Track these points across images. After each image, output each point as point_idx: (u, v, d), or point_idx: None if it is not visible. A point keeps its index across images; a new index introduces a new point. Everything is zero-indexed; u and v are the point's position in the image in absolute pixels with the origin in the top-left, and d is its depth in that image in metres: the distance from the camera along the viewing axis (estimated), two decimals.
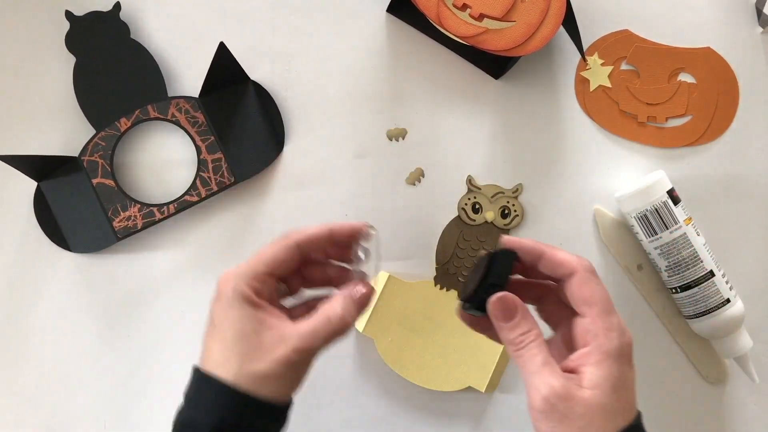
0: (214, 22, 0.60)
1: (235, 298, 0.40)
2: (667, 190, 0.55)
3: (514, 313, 0.41)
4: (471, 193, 0.59)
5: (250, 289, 0.41)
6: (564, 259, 0.41)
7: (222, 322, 0.41)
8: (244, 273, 0.41)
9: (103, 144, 0.58)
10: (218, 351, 0.40)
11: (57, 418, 0.59)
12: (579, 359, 0.39)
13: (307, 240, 0.43)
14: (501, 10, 0.53)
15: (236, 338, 0.40)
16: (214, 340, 0.41)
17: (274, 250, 0.42)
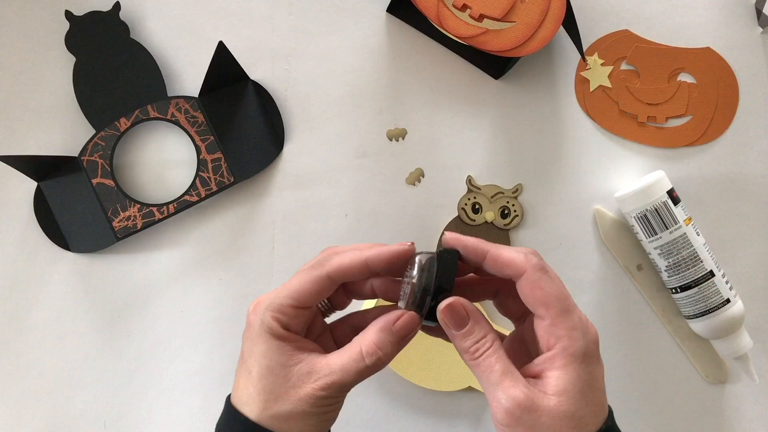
0: (214, 22, 0.60)
1: (261, 331, 0.38)
2: (667, 190, 0.55)
3: (465, 320, 0.38)
4: (471, 193, 0.59)
5: (276, 322, 0.38)
6: (509, 259, 0.37)
7: (249, 356, 0.39)
8: (270, 304, 0.38)
9: (102, 144, 0.57)
10: (244, 386, 0.38)
11: (57, 418, 0.59)
12: (543, 363, 0.37)
13: (339, 273, 0.39)
14: (501, 11, 0.53)
15: (261, 374, 0.38)
16: (241, 373, 0.39)
17: (302, 282, 0.39)
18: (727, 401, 0.59)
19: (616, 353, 0.59)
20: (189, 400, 0.59)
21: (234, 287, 0.59)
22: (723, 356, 0.57)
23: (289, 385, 0.37)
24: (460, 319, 0.38)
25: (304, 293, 0.38)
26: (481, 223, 0.59)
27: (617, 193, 0.57)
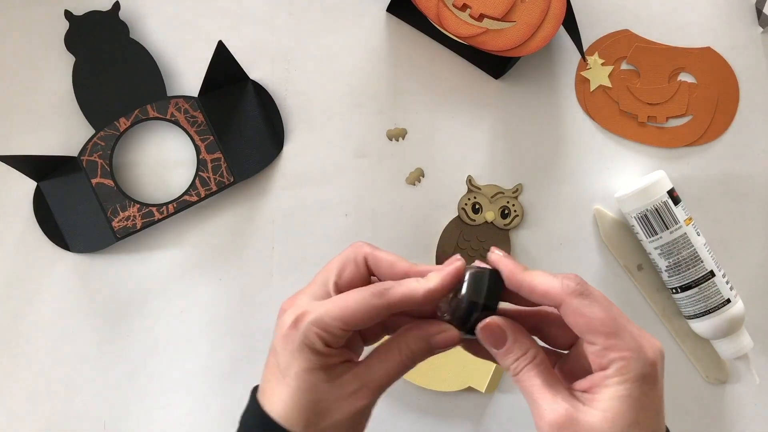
0: (214, 22, 0.60)
1: (303, 346, 0.36)
2: (667, 190, 0.55)
3: (504, 339, 0.37)
4: (471, 193, 0.59)
5: (320, 340, 0.36)
6: (544, 291, 0.37)
7: (288, 369, 0.37)
8: (318, 321, 0.36)
9: (102, 144, 0.57)
10: (282, 398, 0.37)
11: (57, 418, 0.59)
12: (594, 380, 0.36)
13: (401, 305, 0.37)
14: (501, 11, 0.53)
15: (302, 391, 0.36)
16: (278, 382, 0.37)
17: (358, 307, 0.36)
18: (727, 401, 0.59)
19: None
20: (189, 400, 0.59)
21: (234, 287, 0.59)
22: (723, 356, 0.57)
23: (333, 398, 0.37)
24: (498, 338, 0.37)
25: (357, 319, 0.36)
26: (481, 223, 0.59)
27: (617, 193, 0.57)
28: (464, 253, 0.58)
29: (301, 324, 0.36)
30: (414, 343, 0.38)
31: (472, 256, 0.58)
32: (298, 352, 0.36)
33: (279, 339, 0.37)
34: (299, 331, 0.36)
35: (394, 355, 0.38)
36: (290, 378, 0.36)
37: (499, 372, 0.58)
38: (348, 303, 0.36)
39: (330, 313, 0.36)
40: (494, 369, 0.58)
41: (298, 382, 0.36)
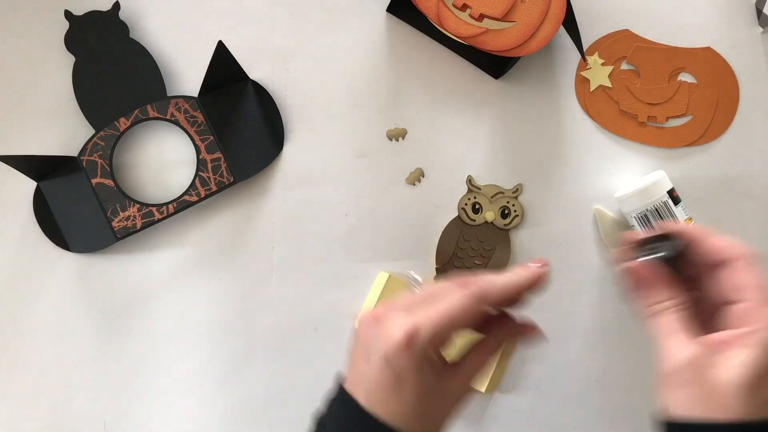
0: (214, 22, 0.60)
1: (424, 361, 0.38)
2: (667, 190, 0.55)
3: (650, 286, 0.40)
4: (471, 193, 0.59)
5: (437, 355, 0.39)
6: (721, 247, 0.39)
7: (405, 378, 0.37)
8: (434, 336, 0.38)
9: (102, 144, 0.57)
10: (397, 403, 0.38)
11: (57, 418, 0.59)
12: (727, 337, 0.37)
13: (496, 302, 0.40)
14: (501, 11, 0.53)
15: (419, 400, 0.38)
16: (392, 391, 0.38)
17: (463, 309, 0.38)
18: None
19: (616, 353, 0.59)
20: (189, 400, 0.59)
21: (234, 287, 0.59)
22: None
23: (444, 403, 0.39)
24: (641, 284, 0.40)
25: (462, 322, 0.39)
26: (481, 223, 0.59)
27: (617, 193, 0.57)
28: (464, 252, 0.58)
29: (418, 339, 0.37)
30: (507, 341, 0.42)
31: (472, 256, 0.58)
32: (416, 364, 0.37)
33: (393, 352, 0.37)
34: (418, 346, 0.37)
35: (485, 353, 0.42)
36: (407, 387, 0.37)
37: (498, 372, 0.58)
38: (452, 310, 0.38)
39: (440, 324, 0.38)
40: (494, 369, 0.58)
41: (416, 391, 0.38)
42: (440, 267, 0.59)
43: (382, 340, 0.38)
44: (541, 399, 0.59)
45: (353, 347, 0.41)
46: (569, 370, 0.59)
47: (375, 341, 0.38)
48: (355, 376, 0.40)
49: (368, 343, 0.39)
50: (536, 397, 0.59)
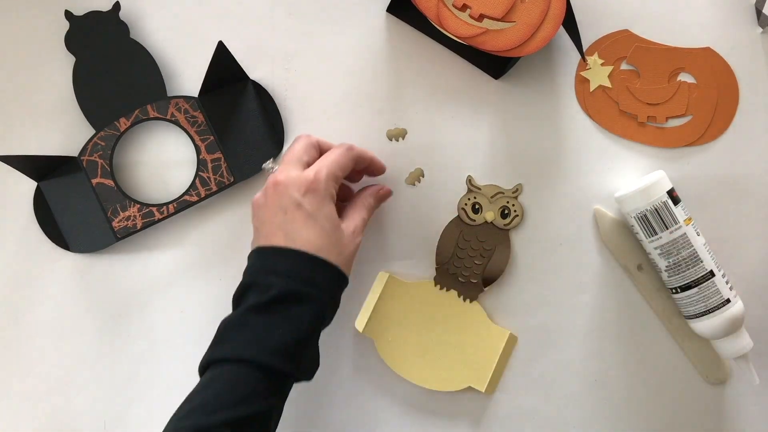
0: (214, 22, 0.60)
1: (326, 195, 0.48)
2: (667, 190, 0.55)
3: None
4: (471, 193, 0.59)
5: (334, 191, 0.50)
6: None
7: (317, 213, 0.48)
8: (331, 175, 0.49)
9: (102, 144, 0.57)
10: (317, 238, 0.47)
11: (57, 418, 0.59)
12: None
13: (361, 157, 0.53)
14: (501, 11, 0.53)
15: (332, 230, 0.48)
16: (309, 227, 0.47)
17: (347, 159, 0.51)
18: (727, 401, 0.59)
19: (616, 353, 0.59)
20: None
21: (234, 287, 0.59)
22: (723, 356, 0.57)
23: (345, 238, 0.49)
24: None
25: (347, 168, 0.51)
26: (481, 223, 0.59)
27: (617, 193, 0.57)
28: (464, 252, 0.58)
29: (321, 178, 0.48)
30: (370, 197, 0.54)
31: (472, 256, 0.58)
32: (323, 200, 0.48)
33: (305, 195, 0.48)
34: (322, 184, 0.48)
35: (363, 206, 0.53)
36: (321, 221, 0.48)
37: (498, 372, 0.58)
38: (339, 159, 0.50)
39: (332, 168, 0.49)
40: (494, 369, 0.58)
41: (329, 224, 0.48)
42: (440, 267, 0.59)
43: (291, 190, 0.48)
44: (541, 399, 0.59)
45: (260, 214, 0.50)
46: (569, 370, 0.59)
47: (285, 194, 0.48)
48: (269, 230, 0.48)
49: (280, 199, 0.48)
50: (536, 397, 0.59)
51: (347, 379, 0.59)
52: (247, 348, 0.45)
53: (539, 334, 0.59)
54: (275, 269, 0.47)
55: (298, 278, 0.46)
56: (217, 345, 0.47)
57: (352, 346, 0.60)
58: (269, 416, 0.45)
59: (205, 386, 0.45)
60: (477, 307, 0.58)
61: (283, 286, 0.46)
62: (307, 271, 0.47)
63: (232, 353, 0.45)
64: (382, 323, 0.58)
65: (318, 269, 0.47)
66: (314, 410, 0.59)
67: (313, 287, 0.47)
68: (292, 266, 0.47)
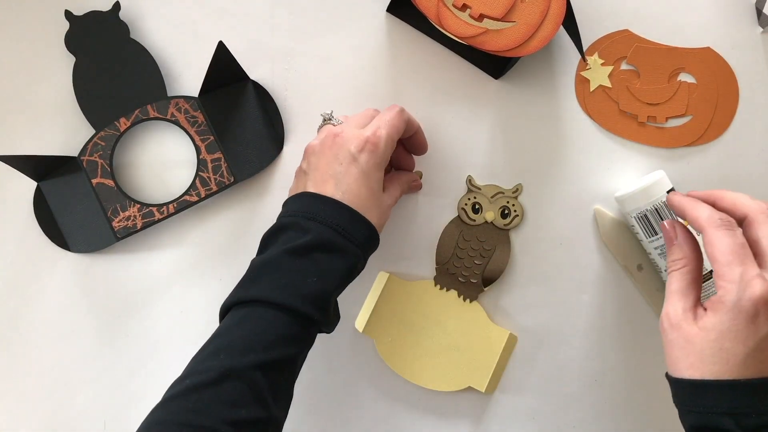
0: (214, 22, 0.60)
1: (382, 161, 0.49)
2: (667, 190, 0.55)
3: (671, 239, 0.47)
4: (471, 193, 0.59)
5: (389, 157, 0.50)
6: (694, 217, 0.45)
7: (371, 173, 0.48)
8: (390, 138, 0.49)
9: (102, 144, 0.57)
10: (366, 197, 0.48)
11: (57, 418, 0.59)
12: (711, 301, 0.42)
13: (410, 124, 0.52)
14: (501, 11, 0.53)
15: (379, 193, 0.50)
16: (361, 184, 0.48)
17: (400, 122, 0.51)
18: None
19: (616, 353, 0.59)
20: None
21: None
22: None
23: (385, 205, 0.51)
24: (668, 236, 0.47)
25: (401, 131, 0.51)
26: (481, 223, 0.59)
27: (617, 193, 0.57)
28: (464, 252, 0.58)
29: (380, 139, 0.49)
30: (405, 182, 0.55)
31: (472, 256, 0.58)
32: (379, 165, 0.49)
33: (359, 151, 0.48)
34: (380, 145, 0.49)
35: (398, 186, 0.54)
36: (372, 181, 0.49)
37: (498, 372, 0.58)
38: (394, 120, 0.50)
39: (390, 129, 0.50)
40: (494, 369, 0.58)
41: (378, 185, 0.49)
42: (440, 267, 0.59)
43: (350, 145, 0.48)
44: (541, 399, 0.59)
45: (314, 161, 0.50)
46: (569, 370, 0.59)
47: (344, 147, 0.48)
48: (323, 177, 0.49)
49: (338, 150, 0.49)
50: (536, 397, 0.59)
51: (347, 379, 0.59)
52: (282, 292, 0.44)
53: (539, 334, 0.59)
54: (317, 216, 0.47)
55: (339, 229, 0.46)
56: (249, 285, 0.46)
57: (352, 346, 0.60)
58: (297, 362, 0.45)
59: (234, 326, 0.44)
60: (477, 307, 0.58)
61: (323, 233, 0.46)
62: (349, 226, 0.47)
63: (265, 295, 0.44)
64: (382, 323, 0.58)
65: (360, 226, 0.47)
66: (314, 410, 0.59)
67: (351, 242, 0.47)
68: (335, 217, 0.47)
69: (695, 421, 0.42)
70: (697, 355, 0.41)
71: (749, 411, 0.40)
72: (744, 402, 0.40)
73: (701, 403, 0.41)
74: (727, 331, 0.40)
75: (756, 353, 0.40)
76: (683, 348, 0.42)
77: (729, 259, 0.41)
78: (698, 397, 0.41)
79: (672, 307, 0.43)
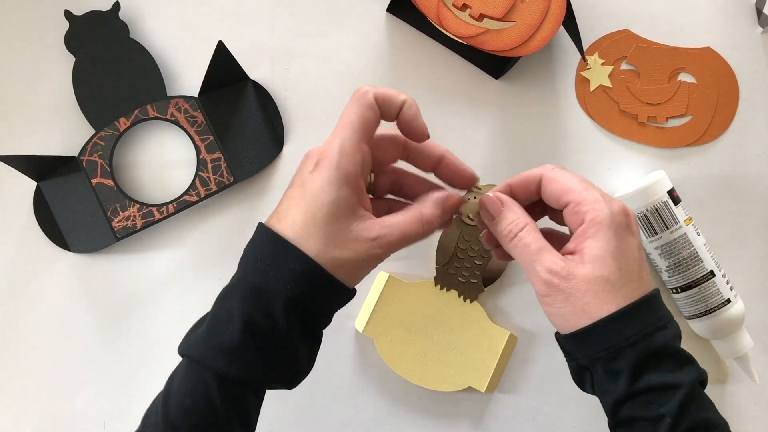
0: (214, 22, 0.60)
1: (339, 178, 0.38)
2: (667, 190, 0.55)
3: (500, 207, 0.41)
4: (471, 193, 0.59)
5: (354, 169, 0.38)
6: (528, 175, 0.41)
7: (317, 196, 0.38)
8: (342, 146, 0.38)
9: (102, 144, 0.57)
10: (303, 224, 0.38)
11: (57, 418, 0.59)
12: (576, 239, 0.39)
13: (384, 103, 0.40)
14: (501, 11, 0.53)
15: (328, 219, 0.37)
16: (300, 209, 0.38)
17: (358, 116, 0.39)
18: (727, 401, 0.59)
19: None
20: None
21: None
22: (723, 356, 0.57)
23: (351, 236, 0.38)
24: (494, 206, 0.41)
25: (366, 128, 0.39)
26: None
27: (617, 192, 0.57)
28: (464, 252, 0.58)
29: (331, 151, 0.38)
30: (431, 206, 0.41)
31: (472, 255, 0.58)
32: (330, 182, 0.38)
33: (307, 170, 0.38)
34: (334, 160, 0.38)
35: (412, 213, 0.40)
36: (317, 205, 0.38)
37: (498, 372, 0.58)
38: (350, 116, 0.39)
39: (343, 134, 0.38)
40: (494, 369, 0.58)
41: (326, 210, 0.37)
42: (440, 267, 0.59)
43: (305, 163, 0.39)
44: (541, 399, 0.59)
45: None
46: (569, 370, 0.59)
47: (300, 167, 0.39)
48: (280, 203, 0.40)
49: (297, 171, 0.40)
50: (536, 397, 0.59)
51: (347, 379, 0.59)
52: (201, 346, 0.40)
53: (539, 334, 0.59)
54: (247, 251, 0.40)
55: (262, 270, 0.38)
56: (191, 331, 0.43)
57: (352, 346, 0.60)
58: None
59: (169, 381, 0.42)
60: (477, 307, 0.58)
61: (244, 276, 0.39)
62: (269, 258, 0.38)
63: (189, 350, 0.41)
64: (382, 323, 0.58)
65: (281, 259, 0.38)
66: (314, 410, 0.59)
67: (274, 281, 0.38)
68: (263, 253, 0.39)
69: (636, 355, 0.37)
70: (606, 283, 0.37)
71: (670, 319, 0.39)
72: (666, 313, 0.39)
73: (633, 330, 0.37)
74: (616, 249, 0.38)
75: (645, 268, 0.39)
76: (588, 290, 0.37)
77: (583, 185, 0.39)
78: (629, 325, 0.37)
79: (550, 262, 0.38)
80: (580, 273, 0.38)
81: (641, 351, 0.37)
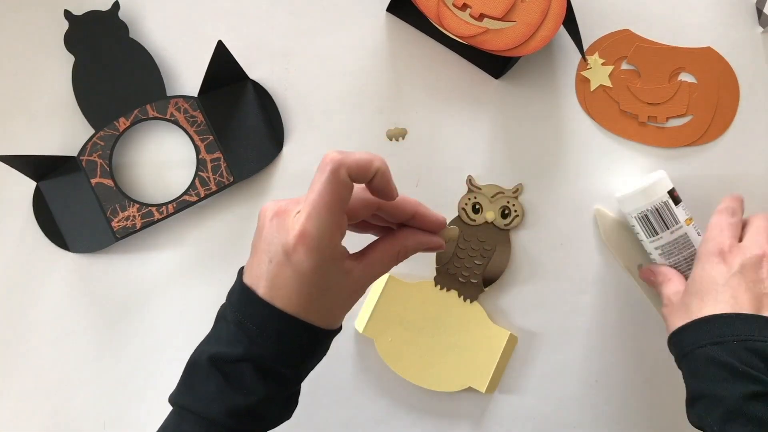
0: (213, 22, 0.60)
1: (325, 259, 0.39)
2: (667, 190, 0.55)
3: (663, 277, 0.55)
4: (471, 193, 0.59)
5: (335, 245, 0.40)
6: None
7: (308, 277, 0.39)
8: (328, 226, 0.38)
9: (101, 144, 0.57)
10: (298, 295, 0.39)
11: (57, 418, 0.59)
12: None
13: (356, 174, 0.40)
14: (501, 10, 0.52)
15: (322, 293, 0.40)
16: (293, 286, 0.39)
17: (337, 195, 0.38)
18: None
19: (616, 353, 0.59)
20: None
21: None
22: None
23: (342, 296, 0.41)
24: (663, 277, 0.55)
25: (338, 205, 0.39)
26: (482, 223, 0.58)
27: (618, 193, 0.57)
28: (464, 253, 0.58)
29: (311, 234, 0.39)
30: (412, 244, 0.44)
31: (472, 256, 0.58)
32: (320, 256, 0.39)
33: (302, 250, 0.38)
34: (315, 242, 0.38)
35: (395, 253, 0.43)
36: (311, 283, 0.39)
37: (498, 372, 0.58)
38: (324, 198, 0.38)
39: (322, 217, 0.38)
40: (494, 369, 0.58)
41: (320, 286, 0.40)
42: (440, 267, 0.59)
43: (282, 235, 0.39)
44: (541, 399, 0.59)
45: (255, 241, 0.42)
46: (569, 370, 0.59)
47: (276, 237, 0.39)
48: (257, 271, 0.41)
49: (270, 241, 0.39)
50: (536, 397, 0.59)
51: (347, 379, 0.59)
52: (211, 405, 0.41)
53: (539, 334, 0.59)
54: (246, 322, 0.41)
55: (258, 341, 0.40)
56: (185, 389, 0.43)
57: (352, 346, 0.60)
58: None
59: None
60: (477, 307, 0.58)
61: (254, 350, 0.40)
62: (271, 331, 0.40)
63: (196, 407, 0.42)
64: (382, 323, 0.58)
65: (287, 335, 0.40)
66: (315, 410, 0.59)
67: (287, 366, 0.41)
68: (260, 321, 0.40)
69: None
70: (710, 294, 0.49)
71: None
72: None
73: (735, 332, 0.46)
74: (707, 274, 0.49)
75: None
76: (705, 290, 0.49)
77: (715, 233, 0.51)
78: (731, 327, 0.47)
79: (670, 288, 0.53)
80: None
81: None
